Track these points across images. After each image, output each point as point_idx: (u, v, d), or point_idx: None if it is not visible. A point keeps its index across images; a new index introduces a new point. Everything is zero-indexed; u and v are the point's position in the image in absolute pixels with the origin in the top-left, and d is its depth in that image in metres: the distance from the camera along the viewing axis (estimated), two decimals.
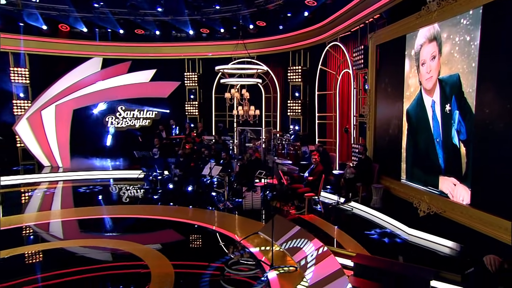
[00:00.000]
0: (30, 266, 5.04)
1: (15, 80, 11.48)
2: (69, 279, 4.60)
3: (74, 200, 8.65)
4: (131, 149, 12.85)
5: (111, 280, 4.62)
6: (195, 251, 5.61)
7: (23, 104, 11.55)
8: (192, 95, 13.08)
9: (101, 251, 5.39)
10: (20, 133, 10.77)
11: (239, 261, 4.93)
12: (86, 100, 11.62)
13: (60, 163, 11.36)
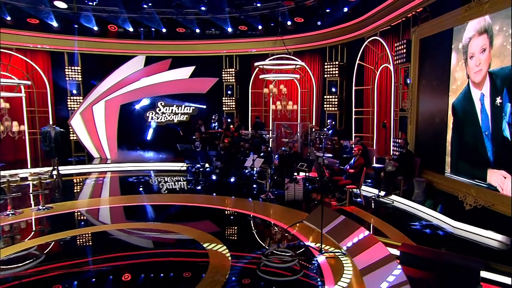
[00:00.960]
0: (83, 248, 5.53)
1: (70, 78, 12.40)
2: (128, 262, 5.10)
3: (122, 189, 9.30)
4: (171, 143, 13.57)
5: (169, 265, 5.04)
6: (245, 238, 5.94)
7: (76, 100, 12.45)
8: (229, 91, 13.50)
9: (157, 235, 5.87)
10: (74, 127, 11.67)
11: (275, 251, 5.04)
12: (132, 96, 12.36)
13: (108, 155, 12.19)
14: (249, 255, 4.92)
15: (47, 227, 6.09)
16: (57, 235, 5.65)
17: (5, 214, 6.42)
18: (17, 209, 6.73)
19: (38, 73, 11.98)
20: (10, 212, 6.50)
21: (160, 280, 4.32)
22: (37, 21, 11.48)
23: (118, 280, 4.28)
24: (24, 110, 11.83)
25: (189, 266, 4.66)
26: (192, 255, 5.04)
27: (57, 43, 12.04)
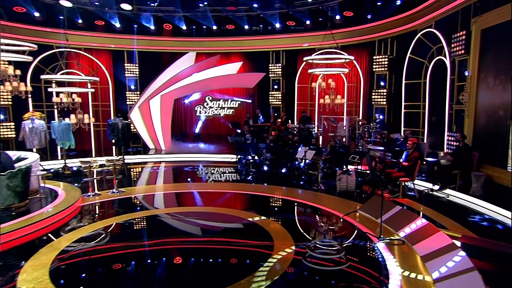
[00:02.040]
0: (152, 228, 6.19)
1: (128, 75, 13.44)
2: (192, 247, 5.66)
3: (179, 177, 10.03)
4: (220, 135, 14.24)
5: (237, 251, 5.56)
6: (304, 226, 6.31)
7: (134, 95, 13.48)
8: (276, 85, 13.85)
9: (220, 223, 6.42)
10: (133, 120, 12.67)
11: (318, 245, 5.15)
12: (185, 90, 13.13)
13: (163, 146, 13.10)
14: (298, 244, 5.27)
15: (119, 208, 6.89)
16: (129, 216, 6.39)
17: (87, 195, 7.31)
18: (98, 190, 7.63)
19: (102, 70, 13.12)
20: (91, 194, 7.39)
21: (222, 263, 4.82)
22: (102, 23, 12.56)
23: (196, 261, 4.84)
24: (90, 104, 13.05)
25: (252, 253, 5.13)
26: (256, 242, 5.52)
27: (118, 42, 13.08)
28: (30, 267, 4.30)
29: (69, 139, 9.64)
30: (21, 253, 4.86)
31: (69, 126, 9.52)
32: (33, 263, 4.39)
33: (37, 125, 9.56)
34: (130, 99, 13.52)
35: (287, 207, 7.04)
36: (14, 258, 4.73)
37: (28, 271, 4.20)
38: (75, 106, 10.21)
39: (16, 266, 4.37)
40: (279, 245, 4.96)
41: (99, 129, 13.48)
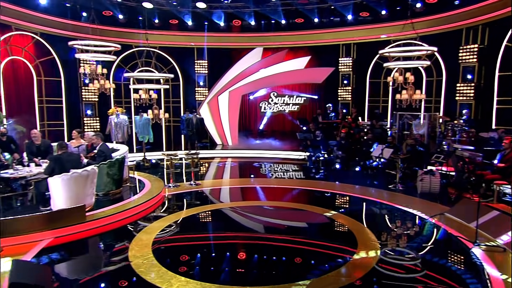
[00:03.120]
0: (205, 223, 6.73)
1: (198, 71, 14.40)
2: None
3: (248, 172, 10.57)
4: (283, 132, 14.55)
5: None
6: (386, 227, 6.33)
7: (202, 91, 14.40)
8: (345, 80, 13.72)
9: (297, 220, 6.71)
10: (203, 116, 13.56)
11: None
12: (252, 86, 13.69)
13: (230, 141, 13.82)
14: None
15: (196, 200, 7.56)
16: (206, 207, 7.02)
17: (168, 185, 8.13)
18: (176, 182, 8.44)
19: (174, 67, 14.22)
20: (172, 185, 8.20)
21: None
22: (176, 21, 13.63)
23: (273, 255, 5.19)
24: (162, 100, 14.26)
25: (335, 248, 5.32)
26: (342, 238, 5.71)
27: (189, 39, 14.06)
28: (135, 245, 5.03)
29: (148, 133, 10.73)
30: (123, 234, 5.70)
31: (149, 120, 10.59)
32: (137, 243, 5.11)
33: (121, 120, 10.79)
34: (199, 95, 14.46)
35: (364, 206, 7.09)
36: (117, 238, 5.58)
37: (135, 248, 4.92)
38: (151, 102, 11.30)
39: (122, 245, 5.17)
40: (361, 247, 5.09)
41: (169, 124, 14.65)
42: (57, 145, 5.96)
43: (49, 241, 5.00)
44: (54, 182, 5.50)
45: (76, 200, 5.63)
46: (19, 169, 6.58)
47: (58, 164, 5.67)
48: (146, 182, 8.00)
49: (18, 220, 5.04)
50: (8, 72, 10.40)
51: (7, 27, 10.17)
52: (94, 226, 5.57)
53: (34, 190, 6.74)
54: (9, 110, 10.24)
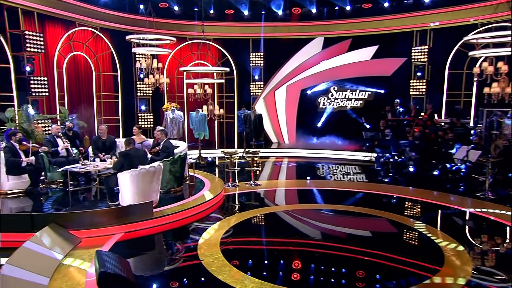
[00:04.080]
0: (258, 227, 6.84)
1: (253, 64, 14.74)
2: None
3: (305, 173, 10.61)
4: (345, 130, 14.35)
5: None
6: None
7: (258, 86, 14.71)
8: (419, 72, 13.20)
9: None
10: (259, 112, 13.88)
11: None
12: (311, 80, 13.71)
13: (286, 140, 13.98)
14: None
15: (256, 202, 7.79)
16: (268, 209, 7.22)
17: (227, 185, 8.48)
18: (236, 182, 8.77)
19: (228, 60, 14.67)
20: (231, 184, 8.55)
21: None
22: (232, 11, 14.09)
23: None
24: (215, 95, 14.81)
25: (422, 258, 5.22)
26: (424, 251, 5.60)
27: (245, 30, 14.44)
28: (203, 244, 5.37)
29: (204, 129, 11.24)
30: (188, 232, 6.11)
31: (205, 116, 11.09)
32: (205, 242, 5.46)
33: (177, 116, 11.41)
34: (254, 90, 14.79)
35: (447, 215, 6.84)
36: (184, 236, 6.00)
37: (203, 247, 5.26)
38: (206, 97, 11.81)
39: (190, 242, 5.56)
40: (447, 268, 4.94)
41: (221, 121, 15.17)
42: (125, 141, 6.52)
43: (121, 236, 5.53)
44: (123, 177, 6.04)
45: (142, 196, 6.12)
46: (86, 164, 7.29)
47: (127, 159, 6.21)
48: (206, 181, 8.41)
49: (94, 213, 5.64)
50: (70, 68, 11.51)
51: (71, 23, 11.25)
52: (161, 223, 6.03)
53: (98, 185, 7.45)
54: (71, 106, 11.34)
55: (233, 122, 14.88)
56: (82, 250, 4.99)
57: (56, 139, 7.89)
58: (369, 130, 12.51)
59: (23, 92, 9.57)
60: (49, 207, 6.53)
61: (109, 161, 7.41)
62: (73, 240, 5.09)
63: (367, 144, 12.03)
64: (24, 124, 8.68)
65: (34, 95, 9.72)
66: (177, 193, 7.53)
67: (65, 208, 6.32)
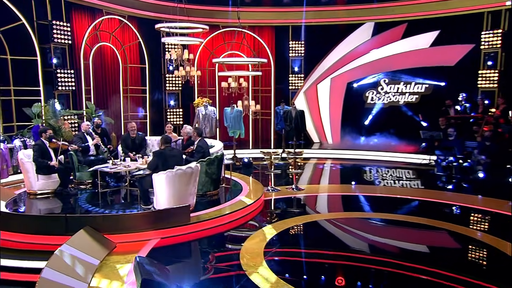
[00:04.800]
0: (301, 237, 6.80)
1: (293, 54, 14.77)
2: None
3: (350, 178, 10.58)
4: (398, 129, 14.08)
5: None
6: None
7: (298, 78, 14.73)
8: (490, 61, 12.70)
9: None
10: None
11: None
12: (360, 72, 13.58)
13: (330, 139, 13.92)
14: None
15: (299, 208, 7.82)
16: (313, 217, 7.23)
17: (266, 189, 8.58)
18: (276, 185, 8.86)
19: (264, 50, 14.78)
20: (271, 188, 8.64)
21: None
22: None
23: None
24: (250, 89, 14.97)
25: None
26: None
27: (283, 16, 14.50)
28: (245, 253, 5.49)
29: (239, 127, 11.42)
30: (228, 240, 6.30)
31: (241, 113, 11.26)
32: (247, 251, 5.57)
33: (210, 112, 11.67)
34: (293, 83, 14.81)
35: None
36: (223, 243, 6.19)
37: (246, 257, 5.38)
38: (241, 92, 11.98)
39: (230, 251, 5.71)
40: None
41: (256, 117, 15.31)
42: (160, 139, 6.77)
43: (157, 241, 5.75)
44: (158, 179, 6.28)
45: (178, 200, 6.34)
46: (117, 164, 7.63)
47: (161, 159, 6.45)
48: (243, 184, 8.56)
49: (129, 217, 5.91)
50: (96, 60, 12.05)
51: (98, 11, 11.79)
52: (198, 228, 6.21)
53: (128, 186, 7.77)
54: (97, 100, 11.87)
55: (270, 119, 15.00)
56: (118, 255, 5.25)
57: (86, 137, 8.32)
58: (427, 129, 12.22)
59: (49, 86, 10.14)
60: (81, 209, 6.89)
61: (140, 160, 7.73)
62: (109, 244, 5.36)
63: (424, 145, 11.75)
64: (51, 120, 9.22)
65: (61, 89, 10.27)
66: (213, 196, 7.73)
67: (96, 211, 6.66)
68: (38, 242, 5.41)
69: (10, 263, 4.83)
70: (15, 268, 4.80)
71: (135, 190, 7.68)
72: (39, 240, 5.44)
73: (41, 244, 5.37)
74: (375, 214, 7.52)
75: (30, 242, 5.42)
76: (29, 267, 4.81)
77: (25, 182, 7.45)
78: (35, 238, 5.46)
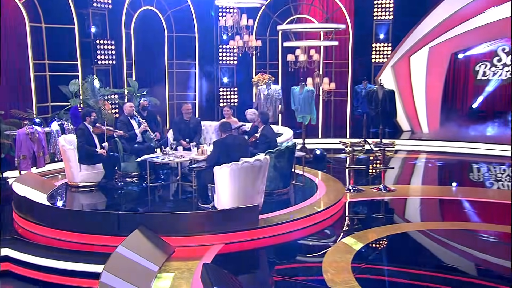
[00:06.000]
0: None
1: (378, 18, 14.52)
2: None
3: (452, 177, 10.49)
4: None
5: None
6: None
7: (384, 49, 14.46)
8: None
9: None
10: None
11: None
12: (469, 38, 13.14)
13: (425, 127, 13.63)
14: None
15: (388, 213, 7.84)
16: (407, 226, 7.17)
17: (346, 188, 8.60)
18: (358, 185, 8.88)
19: (340, 12, 14.56)
20: (352, 188, 8.66)
21: None
22: None
23: None
24: (320, 63, 14.90)
25: None
26: None
27: None
28: (329, 267, 5.60)
29: (310, 111, 11.46)
30: (304, 249, 6.48)
31: (313, 93, 11.31)
32: (330, 265, 5.68)
33: (273, 91, 11.81)
34: (378, 55, 14.56)
35: None
36: (299, 253, 6.35)
37: (330, 271, 5.49)
38: (312, 67, 12.01)
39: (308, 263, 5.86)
40: None
41: (329, 99, 15.23)
42: (219, 125, 7.00)
43: (221, 247, 6.02)
44: (220, 173, 6.51)
45: (244, 198, 6.54)
46: (168, 153, 7.98)
47: (223, 151, 6.68)
48: (318, 182, 8.66)
49: (189, 217, 6.23)
50: (138, 28, 12.56)
51: None
52: (268, 234, 6.40)
53: (181, 180, 8.14)
54: (139, 77, 12.43)
55: (345, 100, 14.89)
56: (178, 262, 5.55)
57: (130, 121, 8.78)
58: None
59: (87, 59, 10.77)
60: (127, 206, 7.35)
61: (195, 150, 8.02)
62: (167, 248, 5.69)
63: None
64: (90, 100, 9.82)
65: (100, 63, 10.87)
66: (282, 196, 7.90)
67: (145, 208, 7.08)
68: (85, 242, 5.86)
69: (53, 264, 5.30)
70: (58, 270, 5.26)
71: (188, 185, 8.07)
72: (85, 240, 5.89)
73: (85, 244, 5.81)
74: (485, 225, 7.33)
75: (77, 241, 5.88)
76: (76, 270, 5.24)
77: (66, 173, 8.04)
78: (81, 237, 5.92)
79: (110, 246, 5.40)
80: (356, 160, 9.21)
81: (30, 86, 9.99)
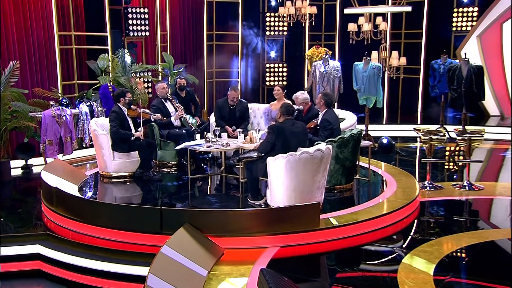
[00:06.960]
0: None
1: None
2: None
3: None
4: None
5: None
6: None
7: (467, 16, 14.17)
8: None
9: None
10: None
11: None
12: None
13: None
14: None
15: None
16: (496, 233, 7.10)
17: (422, 185, 8.62)
18: (436, 181, 8.88)
19: None
20: (429, 184, 8.66)
21: None
22: None
23: None
24: (388, 35, 14.75)
25: None
26: None
27: None
28: (405, 278, 5.68)
29: (376, 91, 11.42)
30: (373, 256, 6.58)
31: (379, 70, 11.26)
32: (408, 275, 5.74)
33: (331, 69, 11.84)
34: (459, 24, 14.30)
35: None
36: (364, 261, 6.45)
37: (407, 283, 5.54)
38: (378, 38, 11.90)
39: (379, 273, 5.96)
40: None
41: (398, 76, 15.09)
42: (281, 108, 7.04)
43: (276, 250, 6.19)
44: (275, 164, 6.65)
45: (301, 194, 6.66)
46: (212, 141, 8.17)
47: (281, 137, 6.81)
48: (387, 177, 8.71)
49: (240, 215, 6.43)
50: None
51: None
52: (330, 237, 6.51)
53: (224, 172, 8.35)
54: (174, 52, 12.69)
55: (417, 79, 14.76)
56: (228, 265, 5.77)
57: (165, 104, 9.02)
58: None
59: (117, 31, 11.07)
60: (166, 200, 7.63)
61: (242, 137, 8.18)
62: (216, 250, 5.91)
63: None
64: (121, 78, 10.13)
65: (132, 35, 11.16)
66: (344, 192, 8.01)
67: (186, 204, 7.34)
68: (122, 240, 6.14)
69: (90, 265, 5.63)
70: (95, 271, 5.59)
71: (233, 178, 8.28)
72: (123, 238, 6.17)
73: (123, 243, 6.10)
74: None
75: (114, 239, 6.18)
76: (113, 272, 5.55)
77: (98, 161, 8.38)
78: (119, 235, 6.21)
79: (150, 246, 5.77)
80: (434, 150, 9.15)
81: (55, 61, 10.34)
